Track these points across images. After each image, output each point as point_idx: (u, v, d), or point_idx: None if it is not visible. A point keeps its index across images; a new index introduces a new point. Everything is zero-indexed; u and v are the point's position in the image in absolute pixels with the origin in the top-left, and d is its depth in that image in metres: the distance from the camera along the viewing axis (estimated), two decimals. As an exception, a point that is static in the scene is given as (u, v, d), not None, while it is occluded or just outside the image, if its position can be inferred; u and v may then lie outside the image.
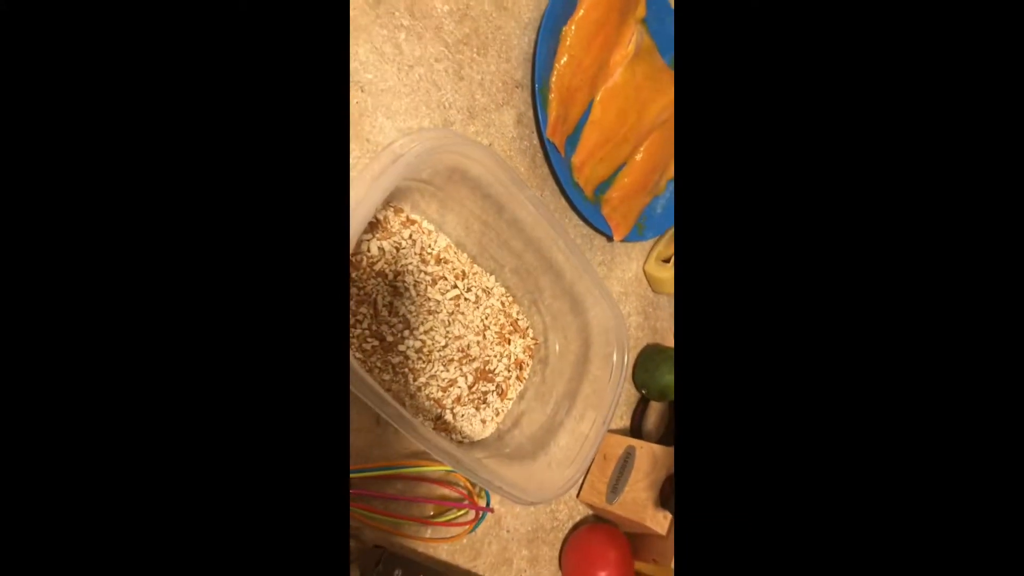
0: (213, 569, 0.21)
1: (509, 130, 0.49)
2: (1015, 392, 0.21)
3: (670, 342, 0.64)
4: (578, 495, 0.56)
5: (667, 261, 0.60)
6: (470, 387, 0.46)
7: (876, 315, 0.22)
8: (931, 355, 0.21)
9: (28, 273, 0.20)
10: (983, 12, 0.21)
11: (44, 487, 0.20)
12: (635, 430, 0.61)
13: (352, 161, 0.41)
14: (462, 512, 0.45)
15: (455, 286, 0.45)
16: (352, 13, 0.40)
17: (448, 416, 0.45)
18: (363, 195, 0.33)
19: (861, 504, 0.22)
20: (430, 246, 0.44)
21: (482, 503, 0.45)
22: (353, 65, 0.41)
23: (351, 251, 0.40)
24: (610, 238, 0.56)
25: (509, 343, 0.49)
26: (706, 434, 0.23)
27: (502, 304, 0.49)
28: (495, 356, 0.48)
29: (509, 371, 0.49)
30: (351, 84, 0.41)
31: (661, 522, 0.51)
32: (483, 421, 0.48)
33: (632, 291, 0.62)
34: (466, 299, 0.46)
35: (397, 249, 0.42)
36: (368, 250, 0.41)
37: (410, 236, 0.43)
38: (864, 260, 0.22)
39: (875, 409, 0.22)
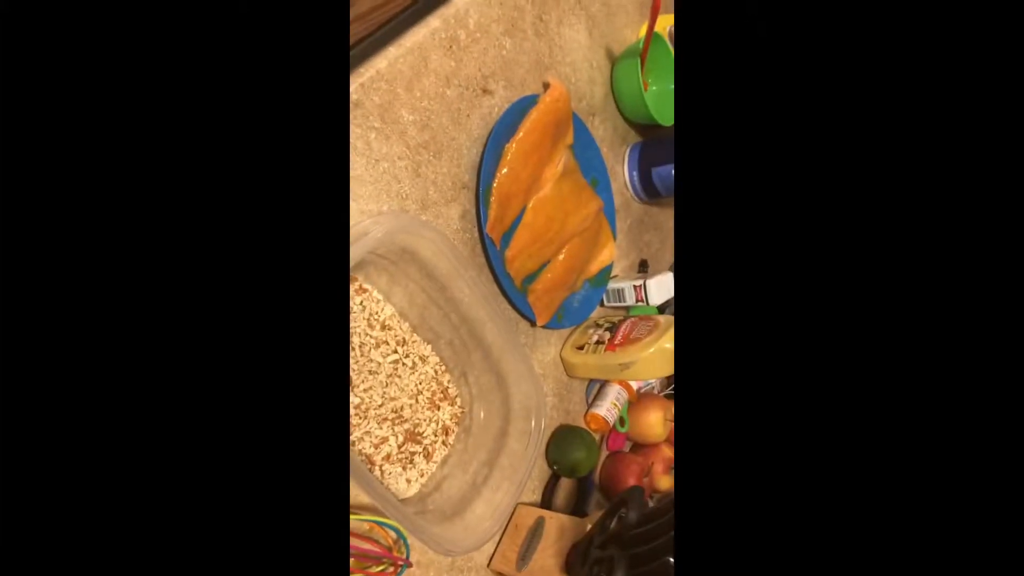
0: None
1: (454, 223, 0.57)
2: (1013, 391, 0.22)
3: (581, 423, 0.71)
4: (489, 564, 0.59)
5: (580, 348, 0.68)
6: (399, 447, 0.50)
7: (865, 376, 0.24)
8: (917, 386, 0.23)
9: (27, 280, 0.21)
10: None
11: (41, 516, 0.21)
12: (546, 504, 0.65)
13: (317, 233, 0.47)
14: (381, 567, 0.47)
15: (395, 351, 0.51)
16: (333, 113, 0.48)
17: (377, 472, 0.49)
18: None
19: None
20: (377, 313, 0.50)
21: (401, 558, 0.47)
22: (329, 154, 0.48)
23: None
24: (533, 323, 0.63)
25: (438, 409, 0.54)
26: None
27: (435, 372, 0.54)
28: (424, 420, 0.53)
29: (436, 436, 0.54)
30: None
31: (565, 589, 0.54)
32: (408, 480, 0.51)
33: (550, 373, 0.69)
34: (404, 364, 0.51)
35: (348, 313, 0.47)
36: (324, 311, 0.46)
37: (361, 302, 0.49)
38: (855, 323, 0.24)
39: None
